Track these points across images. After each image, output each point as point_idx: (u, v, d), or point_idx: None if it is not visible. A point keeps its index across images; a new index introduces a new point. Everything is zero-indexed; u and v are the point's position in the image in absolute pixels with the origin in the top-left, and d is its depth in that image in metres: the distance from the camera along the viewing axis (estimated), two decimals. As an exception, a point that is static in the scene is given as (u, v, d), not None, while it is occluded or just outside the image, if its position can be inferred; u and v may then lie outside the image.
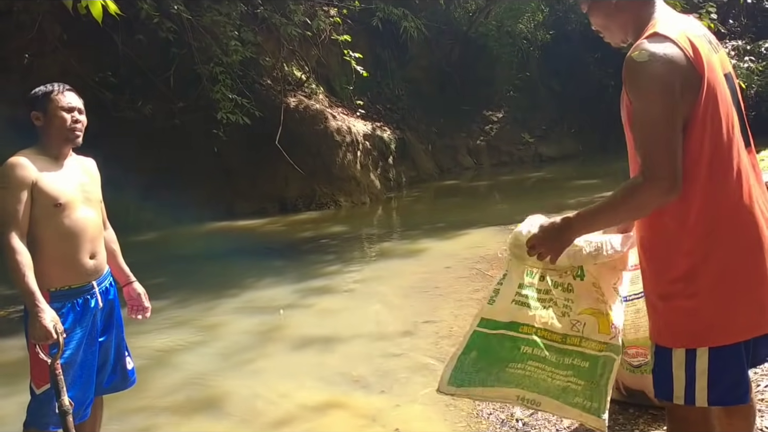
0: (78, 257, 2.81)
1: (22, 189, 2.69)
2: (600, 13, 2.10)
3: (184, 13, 9.71)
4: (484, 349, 2.50)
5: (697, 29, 1.97)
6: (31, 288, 2.62)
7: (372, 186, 12.17)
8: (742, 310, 1.89)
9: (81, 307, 2.83)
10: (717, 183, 1.88)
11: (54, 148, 2.83)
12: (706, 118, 1.86)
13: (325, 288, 6.61)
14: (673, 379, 1.95)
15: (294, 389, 4.23)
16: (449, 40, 16.43)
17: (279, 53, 11.63)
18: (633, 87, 1.88)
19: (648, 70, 1.84)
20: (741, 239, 1.90)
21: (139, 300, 3.19)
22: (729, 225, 1.89)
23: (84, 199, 2.86)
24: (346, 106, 13.14)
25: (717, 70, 1.93)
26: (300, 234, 9.53)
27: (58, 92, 2.82)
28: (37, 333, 2.61)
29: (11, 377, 4.70)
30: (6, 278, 6.49)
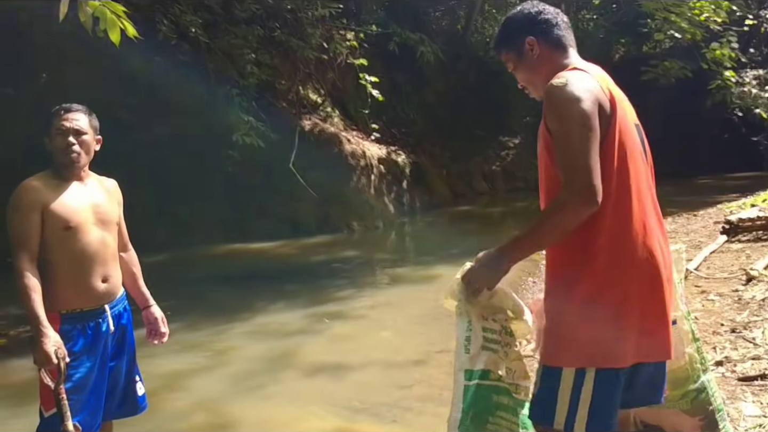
0: (90, 280, 2.78)
1: (32, 212, 2.68)
2: (525, 68, 2.20)
3: (201, 36, 9.79)
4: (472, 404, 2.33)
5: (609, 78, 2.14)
6: (36, 312, 2.61)
7: (385, 210, 12.15)
8: (633, 338, 1.96)
9: (92, 330, 2.80)
10: (622, 215, 1.98)
11: (62, 170, 2.81)
12: (614, 151, 1.97)
13: (337, 313, 6.57)
14: (557, 403, 1.98)
15: (304, 416, 4.19)
16: (465, 65, 16.48)
17: (295, 76, 11.70)
18: (552, 110, 1.99)
19: (566, 92, 1.95)
20: (640, 271, 1.98)
21: (157, 324, 3.14)
22: (631, 257, 1.97)
23: (97, 221, 2.83)
24: (360, 130, 13.17)
25: (627, 116, 2.08)
26: (312, 257, 9.50)
27: (57, 115, 2.81)
28: (39, 357, 2.60)
29: (21, 397, 4.69)
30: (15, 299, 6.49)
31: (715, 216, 9.87)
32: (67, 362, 2.64)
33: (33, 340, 2.62)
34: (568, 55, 2.17)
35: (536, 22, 2.18)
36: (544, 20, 2.17)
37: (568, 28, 2.22)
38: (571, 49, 2.19)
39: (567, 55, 2.17)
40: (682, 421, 2.93)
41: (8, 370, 5.25)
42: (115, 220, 2.95)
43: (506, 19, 2.28)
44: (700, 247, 7.27)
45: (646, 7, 12.72)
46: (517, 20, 2.22)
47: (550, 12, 2.20)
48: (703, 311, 4.87)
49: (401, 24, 14.48)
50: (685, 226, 9.25)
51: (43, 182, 2.76)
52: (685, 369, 2.86)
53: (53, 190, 2.76)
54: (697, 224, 9.34)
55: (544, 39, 2.16)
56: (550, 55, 2.15)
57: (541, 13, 2.19)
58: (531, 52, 2.16)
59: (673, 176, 17.25)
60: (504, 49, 2.24)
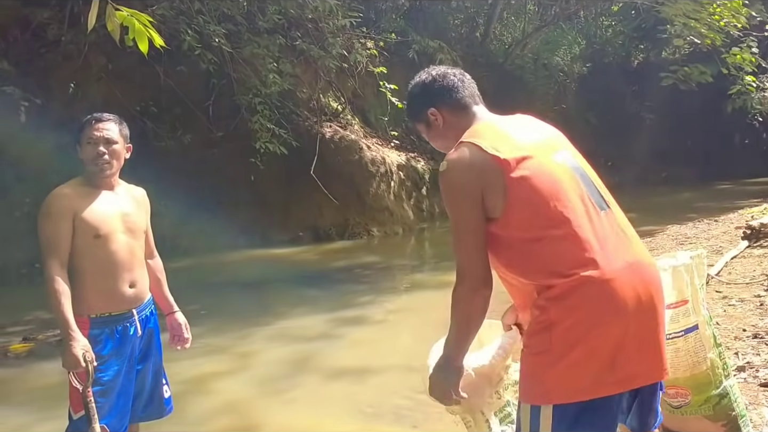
0: (117, 286, 2.84)
1: (63, 219, 2.74)
2: (435, 137, 2.24)
3: (224, 45, 9.92)
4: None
5: (516, 124, 2.15)
6: (65, 316, 2.67)
7: (405, 216, 12.19)
8: (591, 371, 1.89)
9: (120, 334, 2.86)
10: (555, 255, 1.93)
11: (92, 178, 2.86)
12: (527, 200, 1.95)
13: (357, 318, 6.61)
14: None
15: (326, 420, 4.23)
16: (485, 73, 16.49)
17: (316, 84, 11.79)
18: (442, 195, 2.06)
19: (446, 179, 2.02)
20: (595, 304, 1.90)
21: (180, 330, 3.20)
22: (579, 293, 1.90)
23: (125, 229, 2.89)
24: (380, 137, 13.23)
25: (540, 156, 2.02)
26: (333, 263, 9.56)
27: (88, 124, 2.85)
28: (67, 360, 2.66)
29: (49, 400, 4.76)
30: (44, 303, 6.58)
31: (737, 221, 9.79)
32: (95, 365, 2.69)
33: (62, 344, 2.68)
34: (472, 114, 2.19)
35: (434, 92, 2.21)
36: (440, 88, 2.20)
37: (467, 84, 2.24)
38: (475, 106, 2.21)
39: (470, 114, 2.19)
40: (705, 427, 2.92)
41: (37, 374, 5.35)
42: (143, 228, 3.01)
43: (408, 92, 2.30)
44: (722, 252, 7.23)
45: (665, 13, 12.67)
46: (416, 94, 2.25)
47: (446, 76, 2.22)
48: (724, 316, 4.86)
49: (420, 32, 14.56)
50: (706, 232, 9.20)
51: (73, 190, 2.82)
52: (707, 374, 2.86)
53: (84, 197, 2.81)
54: (718, 229, 9.28)
55: (445, 107, 2.19)
56: (455, 120, 2.18)
57: (435, 81, 2.22)
58: (437, 121, 2.20)
59: (693, 181, 17.20)
60: (414, 122, 2.29)
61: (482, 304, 2.00)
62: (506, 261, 2.02)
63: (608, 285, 1.89)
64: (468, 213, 1.98)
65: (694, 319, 2.81)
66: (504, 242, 1.99)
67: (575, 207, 1.99)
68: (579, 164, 2.14)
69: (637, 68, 19.14)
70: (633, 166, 17.79)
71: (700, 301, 2.87)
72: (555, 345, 1.90)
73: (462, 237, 2.00)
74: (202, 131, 10.60)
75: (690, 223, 10.17)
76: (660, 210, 12.23)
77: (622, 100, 18.53)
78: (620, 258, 1.96)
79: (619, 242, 2.01)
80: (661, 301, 2.02)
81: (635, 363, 1.93)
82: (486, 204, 1.98)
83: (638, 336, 1.93)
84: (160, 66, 9.96)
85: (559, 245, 1.94)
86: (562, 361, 1.89)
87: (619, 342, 1.90)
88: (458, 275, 2.00)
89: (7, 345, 5.94)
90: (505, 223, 1.97)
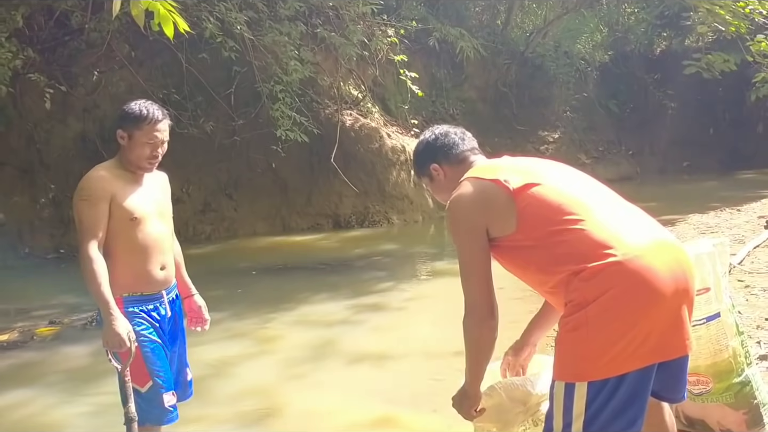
0: (150, 268, 2.88)
1: (101, 201, 2.76)
2: (439, 190, 2.43)
3: (246, 33, 9.95)
4: None
5: (513, 159, 2.35)
6: (105, 297, 2.68)
7: (425, 204, 12.18)
8: (626, 346, 1.93)
9: (151, 314, 2.90)
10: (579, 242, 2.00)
11: (129, 166, 2.89)
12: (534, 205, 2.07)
13: (377, 305, 6.65)
14: (554, 417, 2.02)
15: (347, 404, 4.27)
16: (506, 60, 16.41)
17: (337, 72, 11.79)
18: (449, 232, 2.25)
19: (451, 216, 2.19)
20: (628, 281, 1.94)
21: (199, 312, 3.23)
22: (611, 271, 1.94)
23: (158, 213, 2.93)
24: (400, 125, 13.22)
25: (538, 170, 2.20)
26: (353, 251, 9.60)
27: (146, 122, 2.82)
28: (111, 340, 2.67)
29: (74, 382, 4.88)
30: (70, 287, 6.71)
31: (759, 210, 9.70)
32: (137, 346, 2.72)
33: (104, 324, 2.69)
34: (470, 163, 2.36)
35: (436, 149, 2.40)
36: (442, 145, 2.40)
37: (468, 140, 2.42)
38: (473, 157, 2.39)
39: (470, 165, 2.35)
40: (726, 415, 2.93)
41: (62, 357, 5.44)
42: (170, 214, 3.05)
43: (413, 151, 2.52)
44: (744, 241, 7.18)
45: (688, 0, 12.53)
46: (420, 152, 2.46)
47: (447, 135, 2.42)
48: (746, 305, 4.83)
49: (441, 19, 14.48)
50: (729, 221, 9.12)
51: (110, 172, 2.85)
52: (728, 362, 2.87)
53: (120, 180, 2.84)
54: (741, 219, 9.20)
55: (446, 162, 2.38)
56: (456, 173, 2.33)
57: (437, 139, 2.42)
58: (439, 176, 2.40)
59: (716, 171, 17.03)
60: (419, 177, 2.51)
61: (489, 334, 2.14)
62: (535, 264, 2.11)
63: (639, 262, 1.94)
64: (473, 248, 2.13)
65: (716, 306, 2.82)
66: (527, 247, 2.09)
67: (588, 199, 2.09)
68: (577, 171, 2.31)
69: (659, 56, 18.92)
70: (655, 155, 17.66)
71: (722, 289, 2.87)
72: (591, 320, 1.94)
73: (468, 270, 2.15)
74: (223, 119, 10.66)
75: (712, 212, 10.08)
76: (682, 199, 12.13)
77: (644, 89, 18.34)
78: (645, 236, 2.02)
79: (640, 224, 2.08)
80: (693, 281, 2.06)
81: (668, 336, 1.97)
82: (497, 227, 2.10)
83: (671, 311, 1.97)
84: (182, 54, 10.02)
85: (581, 232, 2.00)
86: (599, 337, 1.93)
87: (654, 316, 1.94)
88: (466, 307, 2.15)
89: (33, 328, 6.05)
90: (522, 232, 2.08)
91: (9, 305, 6.85)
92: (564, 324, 2.03)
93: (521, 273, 2.21)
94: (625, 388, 1.94)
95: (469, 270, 2.15)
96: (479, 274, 2.13)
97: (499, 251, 2.17)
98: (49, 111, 9.41)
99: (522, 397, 2.40)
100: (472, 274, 2.14)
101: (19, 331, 6.00)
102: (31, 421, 4.26)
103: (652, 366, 1.97)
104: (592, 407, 1.95)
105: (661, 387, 2.10)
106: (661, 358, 1.99)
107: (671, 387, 2.15)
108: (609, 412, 1.94)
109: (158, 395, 2.80)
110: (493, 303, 2.13)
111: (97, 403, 4.45)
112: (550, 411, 2.04)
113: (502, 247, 2.14)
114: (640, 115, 18.04)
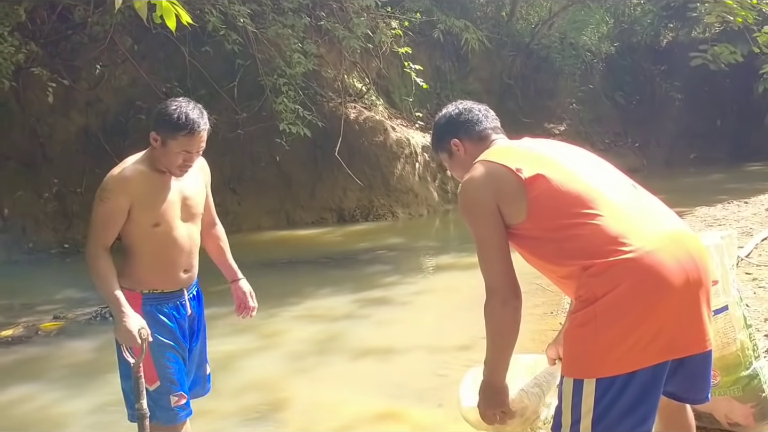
0: (172, 270, 2.81)
1: (118, 207, 2.67)
2: (457, 166, 2.37)
3: (249, 25, 9.91)
4: None
5: (530, 141, 2.29)
6: (114, 295, 2.63)
7: (430, 198, 12.15)
8: (636, 342, 1.88)
9: (170, 311, 2.84)
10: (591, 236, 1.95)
11: (158, 166, 2.75)
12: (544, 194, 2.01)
13: (382, 299, 6.63)
14: (562, 413, 1.98)
15: (352, 399, 4.26)
16: (511, 52, 16.33)
17: (340, 65, 11.75)
18: (462, 215, 2.16)
19: (464, 199, 2.14)
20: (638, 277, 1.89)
21: (246, 298, 3.13)
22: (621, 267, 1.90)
23: (185, 215, 2.82)
24: (405, 118, 13.18)
25: (555, 159, 2.13)
26: (358, 245, 9.58)
27: (186, 131, 2.65)
28: (123, 336, 2.62)
29: (78, 377, 4.87)
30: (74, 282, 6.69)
31: (767, 202, 9.65)
32: (149, 342, 2.66)
33: (115, 321, 2.65)
34: (491, 142, 2.32)
35: (458, 124, 2.36)
36: (464, 120, 2.35)
37: (491, 118, 2.38)
38: (495, 135, 2.34)
39: (490, 144, 2.31)
40: (734, 408, 2.91)
41: (66, 352, 5.45)
42: (201, 210, 2.92)
43: (434, 124, 2.47)
44: (752, 234, 7.13)
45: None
46: (442, 125, 2.41)
47: (471, 110, 2.37)
48: (754, 298, 4.80)
49: (445, 11, 14.41)
50: (736, 213, 9.07)
51: (134, 173, 2.71)
52: (736, 355, 2.84)
53: (145, 184, 2.71)
54: (748, 211, 9.14)
55: (467, 138, 2.34)
56: (476, 150, 2.28)
57: (461, 114, 2.37)
58: (459, 151, 2.34)
59: (722, 163, 16.94)
60: (437, 151, 2.45)
61: (513, 315, 2.06)
62: (544, 256, 2.06)
63: (650, 257, 1.89)
64: (488, 229, 2.07)
65: (724, 299, 2.79)
66: (537, 238, 2.04)
67: (600, 189, 2.03)
68: (596, 158, 2.26)
69: (666, 47, 18.80)
70: (661, 147, 17.56)
71: (730, 281, 2.84)
72: (599, 316, 1.90)
73: (486, 252, 2.08)
74: (227, 112, 10.63)
75: (719, 204, 10.02)
76: (689, 191, 12.08)
77: (650, 81, 18.23)
78: (658, 231, 1.97)
79: (655, 217, 2.03)
80: (707, 272, 2.01)
81: (682, 332, 1.92)
82: (507, 213, 2.05)
83: (683, 306, 1.92)
84: (185, 47, 9.99)
85: (592, 226, 1.95)
86: (607, 333, 1.89)
87: (664, 312, 1.89)
88: (487, 290, 2.07)
89: (37, 323, 6.06)
90: (532, 221, 2.03)
91: (13, 300, 6.86)
92: (573, 319, 1.99)
93: (531, 261, 2.16)
94: (634, 386, 1.90)
95: (486, 251, 2.08)
96: (497, 255, 2.06)
97: (509, 238, 2.12)
98: (52, 105, 9.40)
99: (520, 410, 2.35)
100: (490, 255, 2.07)
101: (23, 325, 6.00)
102: (36, 416, 4.27)
103: (663, 364, 1.92)
104: (601, 404, 1.91)
105: (681, 387, 2.06)
106: (674, 355, 1.94)
107: (691, 386, 2.09)
108: (618, 409, 1.90)
109: (164, 396, 2.76)
110: (515, 282, 2.06)
111: (102, 398, 4.45)
112: (559, 407, 2.01)
113: (512, 235, 2.10)
114: (647, 107, 17.94)
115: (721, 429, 3.00)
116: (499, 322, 2.07)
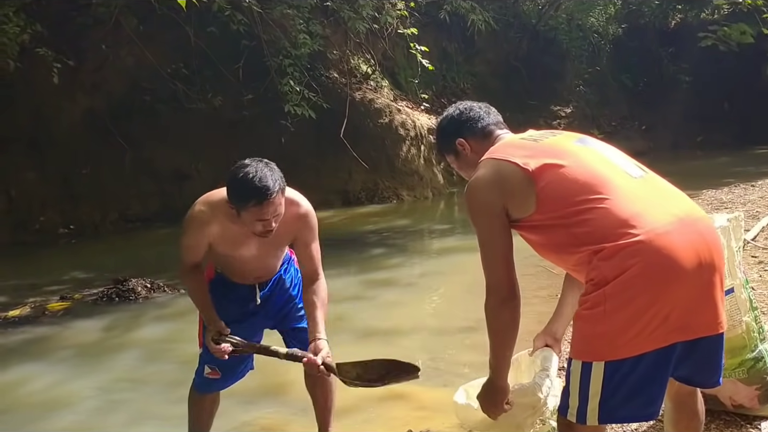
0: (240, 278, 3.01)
1: (196, 243, 2.84)
2: (464, 166, 2.37)
3: (255, 6, 9.86)
4: None
5: (533, 138, 2.23)
6: (201, 308, 2.89)
7: (435, 180, 12.14)
8: (645, 325, 1.87)
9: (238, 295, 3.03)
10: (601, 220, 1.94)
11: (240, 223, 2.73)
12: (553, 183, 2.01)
13: (387, 281, 6.64)
14: (569, 394, 1.98)
15: (356, 380, 4.25)
16: (517, 34, 16.22)
17: (346, 46, 11.70)
18: (468, 213, 2.20)
19: (469, 199, 2.16)
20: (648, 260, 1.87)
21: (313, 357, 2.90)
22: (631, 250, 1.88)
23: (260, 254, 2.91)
24: (410, 100, 13.13)
25: (561, 147, 2.14)
26: (363, 227, 9.58)
27: (254, 205, 2.59)
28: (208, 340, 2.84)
29: (84, 357, 4.91)
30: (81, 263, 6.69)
31: (774, 186, 9.62)
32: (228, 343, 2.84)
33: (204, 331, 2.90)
34: (495, 137, 2.34)
35: (461, 123, 2.38)
36: (466, 119, 2.37)
37: (493, 114, 2.41)
38: (499, 131, 2.37)
39: (495, 140, 2.32)
40: (739, 390, 2.91)
41: (73, 332, 5.48)
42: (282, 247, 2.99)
43: (437, 128, 2.50)
44: (758, 217, 7.10)
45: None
46: (445, 127, 2.43)
47: (472, 108, 2.39)
48: (760, 282, 4.78)
49: (452, -8, 14.32)
50: (743, 197, 9.03)
51: (216, 222, 2.77)
52: (742, 337, 2.84)
53: (224, 231, 2.78)
54: (755, 194, 9.10)
55: (471, 136, 2.35)
56: (481, 147, 2.29)
57: (462, 113, 2.39)
58: (464, 150, 2.36)
59: (730, 146, 16.83)
60: (444, 153, 2.47)
61: (511, 314, 2.10)
62: (556, 244, 2.06)
63: (660, 240, 1.88)
64: (493, 230, 2.10)
65: (730, 281, 2.78)
66: (548, 227, 2.04)
67: (609, 174, 2.03)
68: (603, 143, 2.24)
69: (674, 29, 18.63)
70: (668, 130, 17.44)
71: (736, 264, 2.84)
72: (609, 299, 1.89)
73: (489, 253, 2.12)
74: (232, 93, 10.60)
75: (726, 188, 9.98)
76: (695, 174, 12.01)
77: (658, 63, 18.08)
78: (669, 213, 1.95)
79: (665, 200, 2.01)
80: (719, 254, 1.99)
81: (692, 314, 1.91)
82: (516, 207, 2.06)
83: (694, 288, 1.91)
84: (190, 28, 9.95)
85: (604, 211, 1.94)
86: (617, 316, 1.88)
87: (675, 294, 1.88)
88: (487, 289, 2.12)
89: (44, 304, 6.09)
90: (542, 212, 2.03)
91: (20, 281, 6.90)
92: (583, 302, 1.98)
93: (544, 252, 2.16)
94: (643, 368, 1.89)
95: (489, 252, 2.12)
96: (500, 256, 2.10)
97: (520, 231, 2.14)
98: (57, 86, 9.37)
99: (532, 402, 2.39)
100: (492, 257, 2.11)
101: (30, 306, 6.04)
102: (42, 396, 4.30)
103: (673, 346, 1.91)
104: (609, 387, 1.91)
105: (692, 370, 2.04)
106: (684, 336, 1.92)
107: (702, 369, 2.07)
108: (625, 391, 1.90)
109: (202, 363, 3.01)
110: (514, 283, 2.10)
111: (108, 377, 4.49)
112: (566, 388, 2.01)
113: (523, 227, 2.11)
114: (654, 89, 17.81)
115: (725, 411, 3.01)
116: (497, 321, 2.12)
